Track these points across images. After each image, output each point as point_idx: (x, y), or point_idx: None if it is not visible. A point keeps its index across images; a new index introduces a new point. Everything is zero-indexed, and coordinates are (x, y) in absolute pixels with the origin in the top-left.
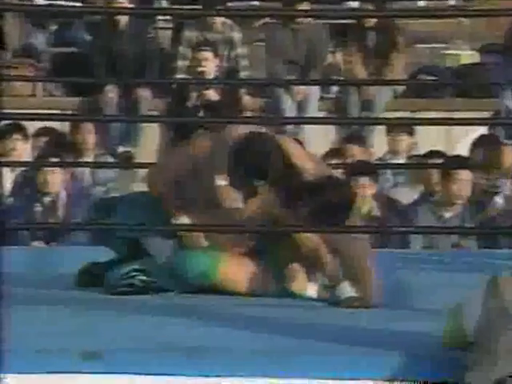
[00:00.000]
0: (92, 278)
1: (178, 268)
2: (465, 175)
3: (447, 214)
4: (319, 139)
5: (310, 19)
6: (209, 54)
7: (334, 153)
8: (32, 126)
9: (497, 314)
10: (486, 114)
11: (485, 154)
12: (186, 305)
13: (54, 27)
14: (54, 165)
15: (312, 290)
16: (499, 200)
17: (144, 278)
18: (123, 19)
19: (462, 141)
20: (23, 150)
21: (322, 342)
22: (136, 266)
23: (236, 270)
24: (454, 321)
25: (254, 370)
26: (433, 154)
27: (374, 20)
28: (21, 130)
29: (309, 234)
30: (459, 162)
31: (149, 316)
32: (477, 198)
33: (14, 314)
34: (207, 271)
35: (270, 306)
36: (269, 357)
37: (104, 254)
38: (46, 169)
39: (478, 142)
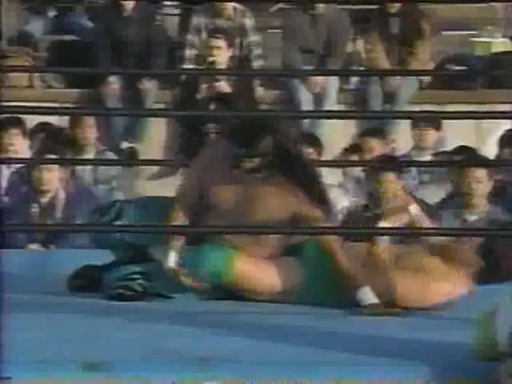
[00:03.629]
0: (85, 282)
1: (191, 265)
2: (481, 173)
3: (471, 217)
4: (338, 134)
5: (329, 4)
6: (222, 43)
7: (354, 148)
8: (28, 120)
9: None
10: None
11: None
12: (194, 312)
13: (52, 13)
14: (53, 162)
15: None
16: None
17: (143, 282)
18: (128, 4)
19: (493, 136)
20: (22, 145)
21: (342, 352)
22: (137, 269)
23: (253, 272)
24: (484, 331)
25: (266, 381)
26: (462, 150)
27: (398, 5)
28: (19, 124)
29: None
30: (482, 160)
31: (154, 323)
32: (508, 199)
33: (10, 321)
34: (222, 269)
35: (285, 313)
36: (283, 367)
37: (105, 257)
38: (43, 166)
39: (507, 138)
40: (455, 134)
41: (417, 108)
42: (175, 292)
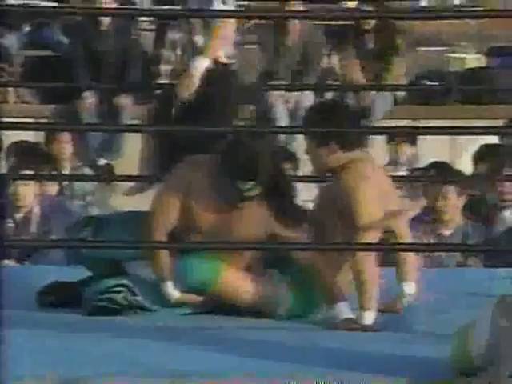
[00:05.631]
0: (56, 297)
1: (178, 273)
2: (455, 188)
3: (446, 232)
4: None
5: (304, 21)
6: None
7: None
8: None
9: (507, 334)
10: (494, 122)
11: (490, 166)
12: (172, 327)
13: (27, 28)
14: (28, 178)
15: None
16: (508, 215)
17: (127, 295)
18: (104, 20)
19: (468, 151)
20: None
21: (318, 366)
22: (121, 282)
23: (237, 283)
24: (459, 344)
25: None
26: (436, 165)
27: (373, 22)
28: None
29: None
30: (456, 175)
31: (132, 339)
32: (483, 213)
33: None
34: (208, 278)
35: (262, 328)
36: (259, 382)
37: (80, 273)
38: (18, 182)
39: (482, 153)
40: (430, 150)
41: (392, 123)
42: (157, 305)
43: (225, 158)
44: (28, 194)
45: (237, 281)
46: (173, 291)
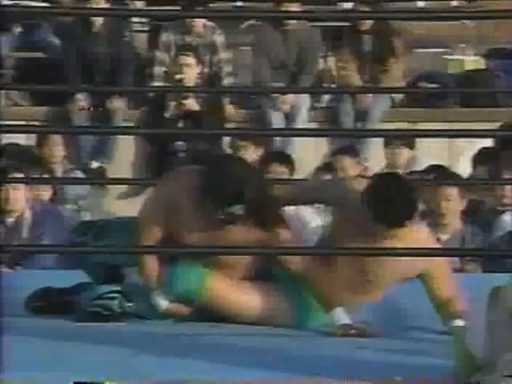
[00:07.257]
0: (44, 304)
1: (166, 285)
2: (453, 192)
3: (444, 236)
4: (309, 152)
5: (300, 21)
6: (190, 60)
7: (326, 167)
8: None
9: (500, 325)
10: (492, 125)
11: (489, 169)
12: (163, 334)
13: (18, 29)
14: (18, 181)
15: None
16: (508, 219)
17: (122, 302)
18: (96, 21)
19: (466, 154)
20: None
21: (314, 373)
22: (116, 288)
23: (226, 290)
24: (460, 345)
25: None
26: (434, 168)
27: (370, 23)
28: None
29: (293, 259)
30: (454, 179)
31: (123, 345)
32: (482, 218)
33: None
34: (194, 287)
35: (256, 335)
36: None
37: (73, 278)
38: (8, 185)
39: (480, 156)
40: (428, 153)
41: (389, 126)
42: (152, 314)
43: (209, 181)
44: (19, 198)
45: (223, 288)
46: (161, 301)
